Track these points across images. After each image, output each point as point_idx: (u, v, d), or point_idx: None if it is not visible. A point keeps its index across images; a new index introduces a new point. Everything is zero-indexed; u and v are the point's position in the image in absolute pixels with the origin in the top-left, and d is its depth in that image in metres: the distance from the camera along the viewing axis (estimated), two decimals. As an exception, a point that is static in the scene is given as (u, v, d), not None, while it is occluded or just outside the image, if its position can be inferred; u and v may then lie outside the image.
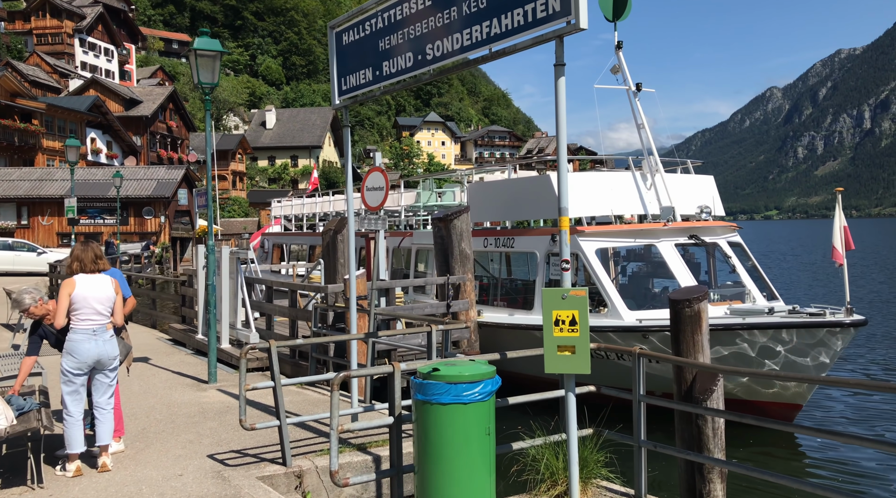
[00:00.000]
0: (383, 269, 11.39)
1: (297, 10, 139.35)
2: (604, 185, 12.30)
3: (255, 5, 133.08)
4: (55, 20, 79.36)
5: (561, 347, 5.22)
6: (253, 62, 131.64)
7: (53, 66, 71.02)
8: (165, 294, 20.46)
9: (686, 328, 6.97)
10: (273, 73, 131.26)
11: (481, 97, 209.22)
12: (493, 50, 5.69)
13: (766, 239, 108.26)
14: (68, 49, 79.98)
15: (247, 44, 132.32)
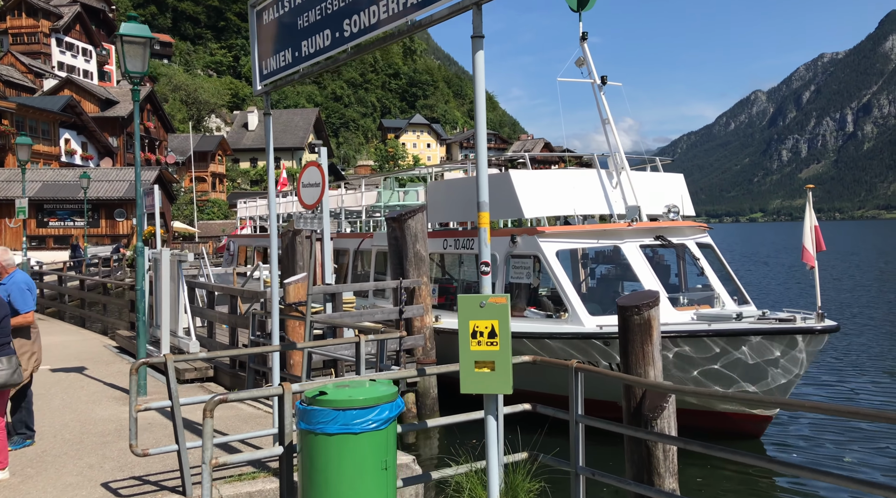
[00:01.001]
0: (329, 272, 10.67)
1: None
2: (565, 184, 11.65)
3: (238, 6, 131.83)
4: (31, 19, 77.94)
5: (479, 363, 4.53)
6: (236, 63, 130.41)
7: (28, 65, 69.67)
8: (120, 299, 19.62)
9: (635, 338, 6.31)
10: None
11: (467, 99, 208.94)
12: (411, 22, 5.04)
13: (749, 241, 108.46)
14: (45, 49, 78.55)
15: (230, 45, 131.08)
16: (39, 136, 52.54)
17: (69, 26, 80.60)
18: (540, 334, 10.55)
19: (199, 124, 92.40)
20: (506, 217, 12.22)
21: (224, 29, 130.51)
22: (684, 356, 9.59)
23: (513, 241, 11.50)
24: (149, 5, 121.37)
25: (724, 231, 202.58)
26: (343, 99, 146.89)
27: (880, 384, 14.02)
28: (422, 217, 11.50)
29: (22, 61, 69.12)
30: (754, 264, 52.00)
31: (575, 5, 12.56)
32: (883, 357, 16.64)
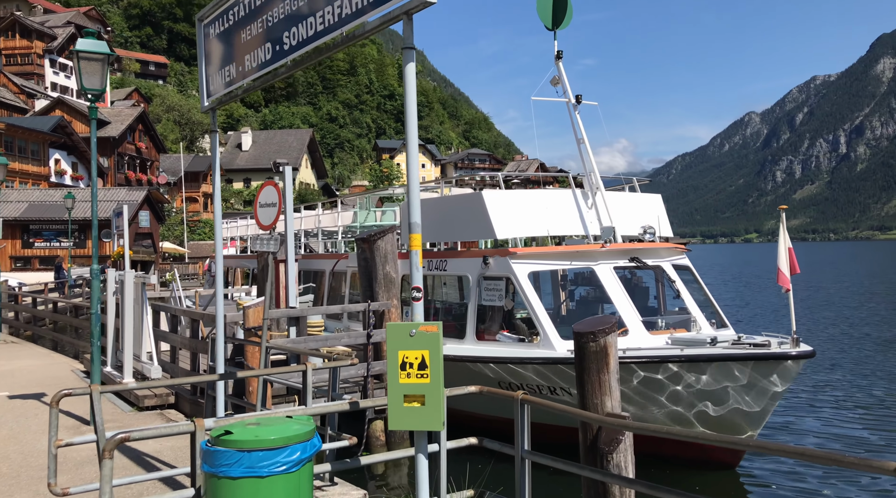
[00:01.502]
0: (293, 294, 10.34)
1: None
2: (538, 204, 11.38)
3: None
4: (25, 40, 78.14)
5: (408, 397, 4.20)
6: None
7: (21, 86, 69.65)
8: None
9: (591, 366, 5.98)
10: (251, 95, 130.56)
11: (462, 120, 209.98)
12: (345, 33, 4.84)
13: (741, 262, 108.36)
14: (38, 70, 78.65)
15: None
16: (28, 156, 52.33)
17: (63, 47, 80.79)
18: (508, 359, 10.22)
19: (193, 145, 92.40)
20: (478, 238, 11.94)
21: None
22: (652, 381, 9.28)
23: (485, 262, 11.20)
24: (144, 27, 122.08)
25: (719, 251, 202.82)
26: (338, 120, 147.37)
27: (862, 411, 13.69)
28: (392, 237, 11.20)
29: (14, 82, 69.11)
30: (744, 286, 51.75)
31: (550, 23, 12.40)
32: (860, 385, 16.31)
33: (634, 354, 9.24)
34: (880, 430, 11.99)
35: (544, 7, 12.36)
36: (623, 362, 9.28)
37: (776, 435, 11.83)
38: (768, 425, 11.98)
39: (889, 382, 15.79)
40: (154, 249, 47.12)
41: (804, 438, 11.58)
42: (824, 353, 20.31)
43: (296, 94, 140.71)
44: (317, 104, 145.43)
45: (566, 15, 12.36)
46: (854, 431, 11.89)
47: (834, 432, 11.92)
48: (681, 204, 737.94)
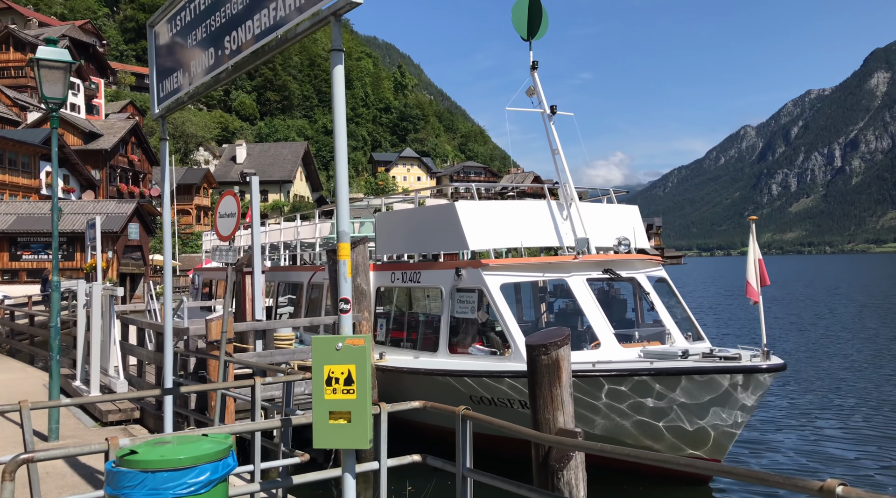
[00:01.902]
0: (259, 307, 10.16)
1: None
2: (511, 215, 11.24)
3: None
4: (19, 53, 78.23)
5: (334, 414, 4.02)
6: (227, 97, 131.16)
7: (14, 99, 69.63)
8: (67, 336, 18.95)
9: (542, 380, 5.81)
10: (247, 108, 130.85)
11: (458, 133, 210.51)
12: (280, 35, 4.73)
13: (735, 275, 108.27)
14: (32, 83, 78.61)
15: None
16: (19, 168, 52.18)
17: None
18: (478, 373, 10.04)
19: (187, 157, 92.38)
20: (451, 249, 11.79)
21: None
22: (620, 395, 9.12)
23: (457, 274, 11.04)
24: (140, 40, 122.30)
25: (715, 264, 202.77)
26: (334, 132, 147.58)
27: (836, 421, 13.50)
28: (363, 249, 11.04)
29: (7, 94, 69.10)
30: (736, 299, 51.60)
31: (525, 34, 12.33)
32: (839, 402, 16.13)
33: (604, 368, 9.07)
34: (856, 447, 11.79)
35: (519, 18, 12.29)
36: (591, 376, 9.13)
37: (748, 449, 11.63)
38: (741, 440, 11.79)
39: (866, 400, 15.60)
40: (144, 261, 46.88)
41: (775, 453, 11.35)
42: (811, 366, 20.15)
43: (291, 107, 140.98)
44: (312, 117, 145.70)
45: (541, 25, 12.30)
46: (829, 449, 11.67)
47: (806, 449, 11.68)
48: (677, 217, 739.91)
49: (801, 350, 23.42)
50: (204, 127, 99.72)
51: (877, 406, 14.86)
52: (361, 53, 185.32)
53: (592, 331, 10.28)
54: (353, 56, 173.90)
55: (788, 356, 21.87)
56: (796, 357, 21.76)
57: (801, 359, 21.51)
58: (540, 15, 12.25)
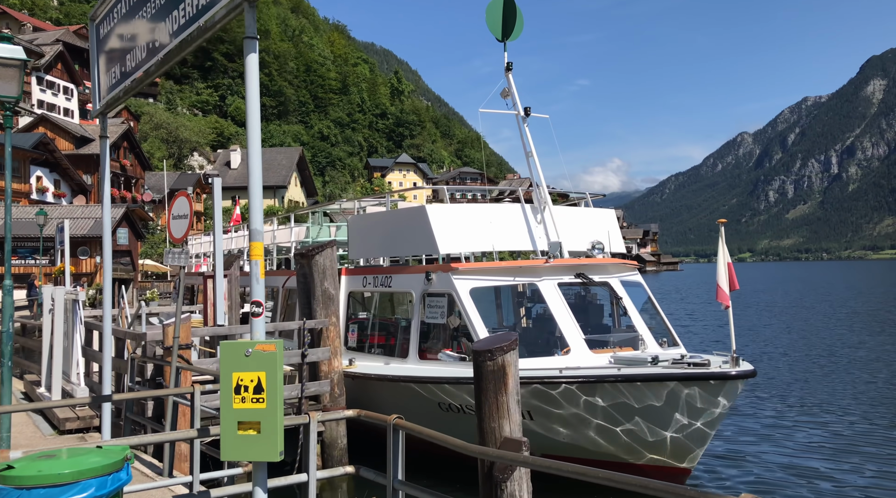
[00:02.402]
0: (221, 312, 9.91)
1: (268, 51, 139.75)
2: (482, 219, 11.02)
3: (225, 46, 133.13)
4: (11, 58, 77.93)
5: (242, 424, 3.78)
6: (222, 103, 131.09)
7: (5, 103, 69.37)
8: (36, 341, 18.66)
9: (488, 387, 5.58)
10: (242, 113, 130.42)
11: (455, 139, 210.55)
12: (201, 25, 4.52)
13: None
14: (25, 87, 78.39)
15: (216, 84, 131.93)
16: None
17: (50, 65, 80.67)
18: (444, 379, 9.80)
19: (181, 163, 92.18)
20: (421, 252, 11.56)
21: (211, 69, 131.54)
22: (582, 401, 8.91)
23: (427, 278, 10.81)
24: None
25: (712, 270, 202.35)
26: (330, 138, 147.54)
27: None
28: (331, 253, 10.81)
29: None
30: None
31: (500, 35, 12.15)
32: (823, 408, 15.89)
33: (572, 374, 8.84)
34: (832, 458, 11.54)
35: (494, 19, 12.10)
36: (557, 383, 8.91)
37: (718, 466, 11.37)
38: (713, 454, 11.55)
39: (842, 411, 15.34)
40: (133, 266, 46.59)
41: (745, 465, 11.08)
42: (792, 372, 19.93)
43: (287, 113, 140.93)
44: (308, 123, 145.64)
45: (516, 26, 12.11)
46: (804, 460, 11.40)
47: (780, 462, 11.41)
48: (674, 223, 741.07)
49: (788, 356, 23.20)
50: (198, 132, 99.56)
51: (859, 416, 14.63)
52: (358, 59, 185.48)
53: (562, 336, 10.06)
54: (349, 62, 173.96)
55: (775, 362, 21.64)
56: (782, 362, 21.55)
57: (788, 364, 21.28)
58: (514, 15, 12.07)
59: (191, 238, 26.82)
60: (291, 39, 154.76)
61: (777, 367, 21.11)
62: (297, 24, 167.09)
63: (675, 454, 8.82)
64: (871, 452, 11.74)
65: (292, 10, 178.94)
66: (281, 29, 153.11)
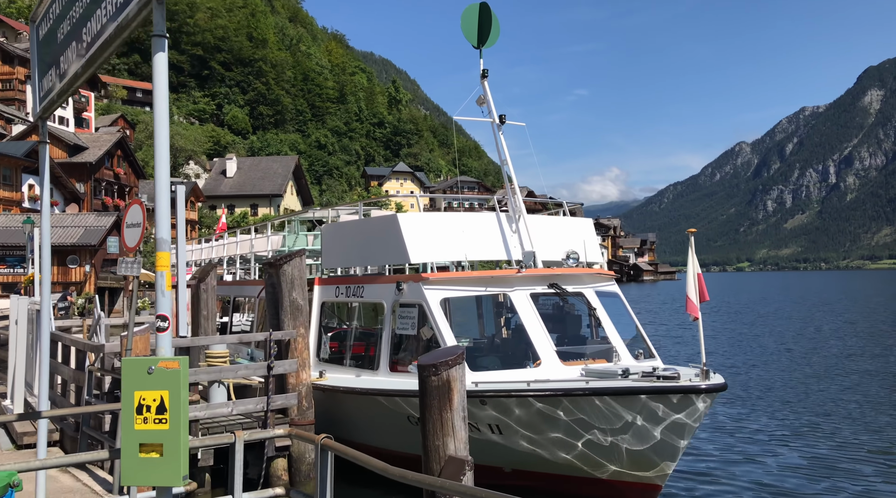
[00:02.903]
0: (183, 322, 9.68)
1: (266, 60, 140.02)
2: (454, 227, 10.80)
3: (222, 55, 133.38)
4: (7, 66, 78.03)
5: (144, 446, 3.53)
6: (219, 111, 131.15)
7: (0, 112, 69.27)
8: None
9: (432, 403, 5.36)
10: (239, 122, 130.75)
11: (453, 148, 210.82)
12: (119, 24, 4.33)
13: (725, 291, 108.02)
14: (19, 96, 78.40)
15: (213, 93, 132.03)
16: (0, 181, 51.72)
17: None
18: (411, 392, 9.55)
19: (176, 171, 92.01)
20: (393, 262, 11.33)
21: (207, 78, 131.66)
22: (545, 416, 8.69)
23: (398, 288, 10.58)
24: (132, 54, 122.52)
25: (710, 280, 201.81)
26: (327, 147, 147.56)
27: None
28: (300, 262, 10.58)
29: (-7, 107, 68.74)
30: (720, 314, 51.16)
31: (476, 42, 11.98)
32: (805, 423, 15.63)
33: (539, 387, 8.60)
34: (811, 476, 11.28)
35: (469, 25, 11.94)
36: (522, 396, 8.68)
37: (687, 482, 11.10)
38: (686, 468, 11.29)
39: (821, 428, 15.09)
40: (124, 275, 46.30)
41: (721, 481, 10.80)
42: (776, 386, 19.66)
43: (284, 122, 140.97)
44: (305, 131, 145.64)
45: (491, 33, 11.94)
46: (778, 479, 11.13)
47: (753, 479, 11.14)
48: (673, 233, 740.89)
49: (774, 367, 22.94)
50: (194, 141, 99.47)
51: (841, 431, 14.37)
52: (355, 68, 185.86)
53: (533, 348, 9.82)
54: (347, 71, 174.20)
55: (765, 373, 21.38)
56: (770, 373, 21.29)
57: (778, 376, 21.02)
58: (490, 22, 11.90)
59: (173, 246, 26.55)
60: (289, 48, 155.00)
61: (761, 378, 20.86)
62: (295, 34, 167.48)
63: (643, 469, 8.57)
64: (848, 468, 11.49)
65: (290, 19, 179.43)
66: (278, 38, 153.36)
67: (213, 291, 16.03)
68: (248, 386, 11.51)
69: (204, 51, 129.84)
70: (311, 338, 12.31)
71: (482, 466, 9.88)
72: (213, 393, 10.74)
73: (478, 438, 9.52)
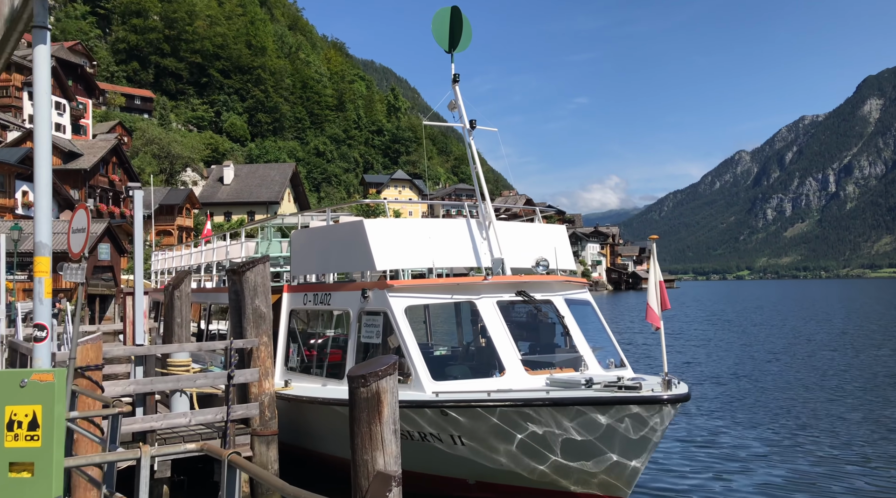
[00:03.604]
0: (140, 330, 9.45)
1: (265, 68, 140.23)
2: (420, 234, 10.58)
3: (221, 63, 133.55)
4: (4, 74, 78.02)
5: (15, 466, 3.30)
6: (218, 119, 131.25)
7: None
8: None
9: (361, 415, 5.12)
10: (238, 129, 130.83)
11: (452, 156, 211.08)
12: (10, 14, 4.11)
13: (723, 299, 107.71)
14: (16, 103, 78.41)
15: (212, 100, 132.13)
16: (-8, 187, 51.58)
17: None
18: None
19: (173, 178, 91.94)
20: (358, 269, 11.09)
21: (206, 85, 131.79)
22: (502, 427, 8.46)
23: (363, 295, 10.36)
24: (131, 61, 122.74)
25: (707, 288, 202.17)
26: (326, 154, 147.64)
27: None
28: (263, 269, 10.36)
29: (-12, 114, 68.70)
30: (712, 323, 50.87)
31: (447, 46, 11.80)
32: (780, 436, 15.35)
33: (500, 397, 8.36)
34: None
35: (440, 30, 11.76)
36: (475, 406, 8.46)
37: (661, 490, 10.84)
38: (652, 477, 11.03)
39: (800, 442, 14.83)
40: (115, 282, 46.09)
41: (689, 494, 10.52)
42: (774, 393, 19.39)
43: (282, 129, 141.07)
44: (304, 139, 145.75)
45: (462, 37, 11.77)
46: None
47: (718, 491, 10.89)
48: (673, 241, 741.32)
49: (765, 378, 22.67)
50: (191, 148, 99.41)
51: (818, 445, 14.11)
52: (355, 76, 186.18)
53: (498, 356, 9.59)
54: (346, 79, 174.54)
55: (756, 383, 21.10)
56: (760, 384, 21.02)
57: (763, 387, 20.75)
58: (461, 26, 11.73)
59: (154, 255, 26.36)
60: (288, 56, 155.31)
61: (743, 389, 20.58)
62: (295, 42, 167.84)
63: (606, 480, 8.32)
64: (826, 484, 11.23)
65: (290, 27, 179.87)
66: (277, 46, 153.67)
67: (186, 298, 15.79)
68: (214, 395, 11.28)
69: (203, 58, 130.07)
70: (279, 346, 12.09)
71: (446, 478, 9.65)
72: (174, 402, 10.51)
73: (441, 449, 9.29)
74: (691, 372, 23.14)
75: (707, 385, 20.93)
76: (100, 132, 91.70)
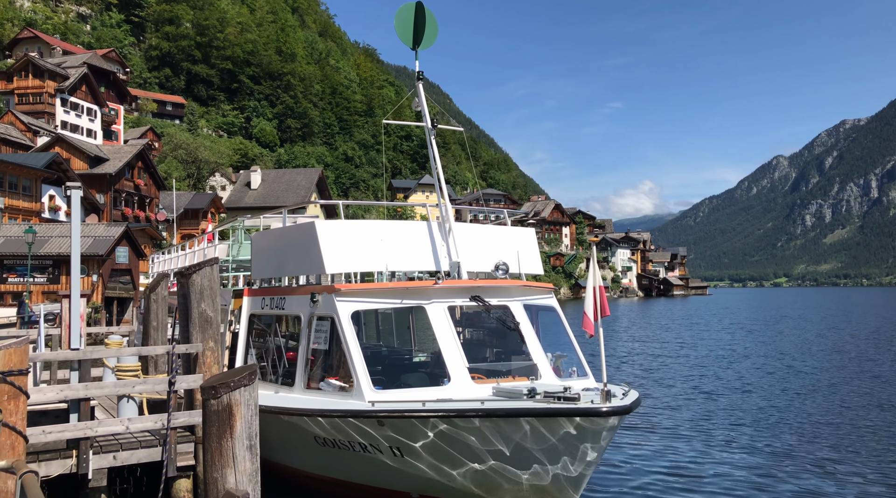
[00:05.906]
0: (76, 335, 9.22)
1: (294, 74, 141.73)
2: (371, 236, 10.18)
3: (251, 69, 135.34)
4: (37, 80, 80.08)
5: None
6: (248, 124, 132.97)
7: (28, 124, 70.92)
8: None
9: (212, 430, 4.74)
10: (267, 135, 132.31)
11: (481, 161, 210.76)
12: None
13: (756, 307, 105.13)
14: (49, 109, 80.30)
15: (242, 106, 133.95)
16: (20, 192, 52.69)
17: (75, 87, 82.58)
18: (310, 411, 8.95)
19: (200, 183, 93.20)
20: (309, 272, 10.75)
21: (237, 91, 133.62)
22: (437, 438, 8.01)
23: (312, 300, 10.00)
24: (163, 68, 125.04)
25: (742, 295, 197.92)
26: (354, 159, 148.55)
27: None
28: (210, 272, 10.05)
29: (21, 120, 70.43)
30: (730, 333, 49.43)
31: (411, 43, 11.43)
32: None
33: (433, 407, 7.91)
34: None
35: (404, 27, 11.40)
36: (419, 417, 8.01)
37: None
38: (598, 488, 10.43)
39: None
40: (133, 285, 46.64)
41: None
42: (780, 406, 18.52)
43: (311, 134, 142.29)
44: (333, 144, 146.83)
45: (426, 34, 11.38)
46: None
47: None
48: (708, 247, 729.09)
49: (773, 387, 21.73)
50: (218, 153, 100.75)
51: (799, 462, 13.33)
52: (384, 82, 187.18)
53: (444, 364, 9.14)
54: (374, 84, 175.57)
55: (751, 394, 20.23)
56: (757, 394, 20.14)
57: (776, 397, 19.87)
58: (424, 23, 11.34)
59: (153, 258, 26.39)
60: (318, 62, 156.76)
61: (745, 401, 19.73)
62: (325, 48, 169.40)
63: (550, 494, 7.81)
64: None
65: (320, 33, 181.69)
66: (307, 52, 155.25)
67: (163, 302, 15.66)
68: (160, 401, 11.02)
69: (233, 65, 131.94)
70: (238, 351, 11.81)
71: (389, 492, 9.22)
72: (121, 408, 10.28)
73: (383, 461, 8.87)
74: (699, 383, 22.34)
75: (699, 398, 20.14)
76: (131, 138, 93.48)
